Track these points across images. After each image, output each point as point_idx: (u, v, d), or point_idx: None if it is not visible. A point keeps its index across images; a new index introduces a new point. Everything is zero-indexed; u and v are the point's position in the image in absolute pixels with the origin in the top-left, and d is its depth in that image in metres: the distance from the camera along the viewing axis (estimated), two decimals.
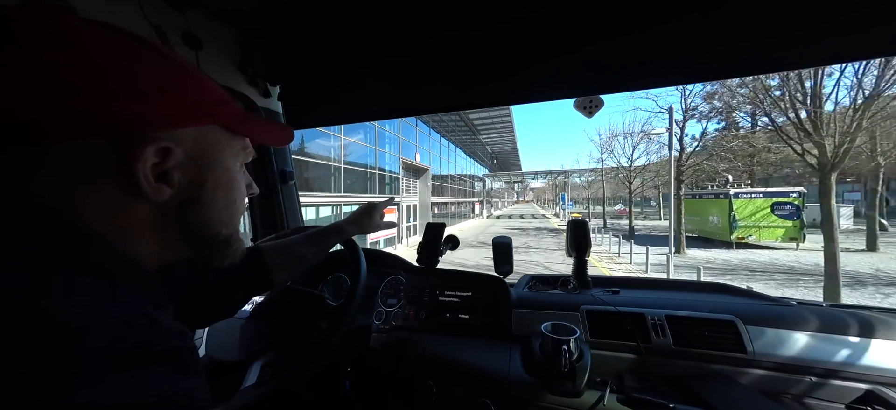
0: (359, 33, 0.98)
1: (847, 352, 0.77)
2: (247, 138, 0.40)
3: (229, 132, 0.36)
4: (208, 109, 0.34)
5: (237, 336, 0.75)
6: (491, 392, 0.79)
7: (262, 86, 1.10)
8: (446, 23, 0.90)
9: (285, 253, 0.70)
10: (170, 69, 0.31)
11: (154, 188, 0.29)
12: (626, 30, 0.79)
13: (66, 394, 0.20)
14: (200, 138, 0.33)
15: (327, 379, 0.94)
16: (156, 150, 0.29)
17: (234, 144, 0.38)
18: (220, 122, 0.35)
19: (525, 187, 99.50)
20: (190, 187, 0.33)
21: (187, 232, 0.35)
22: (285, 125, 0.46)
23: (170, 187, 0.31)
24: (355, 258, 0.78)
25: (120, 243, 0.29)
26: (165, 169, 0.30)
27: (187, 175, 0.32)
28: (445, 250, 1.17)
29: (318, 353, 0.65)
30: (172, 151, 0.30)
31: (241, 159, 0.39)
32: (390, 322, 1.06)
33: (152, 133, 0.29)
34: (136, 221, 0.30)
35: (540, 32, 0.85)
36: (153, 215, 0.31)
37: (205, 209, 0.35)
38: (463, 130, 26.68)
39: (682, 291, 1.17)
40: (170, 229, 0.33)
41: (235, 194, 0.38)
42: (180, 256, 0.36)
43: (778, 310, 0.88)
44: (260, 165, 1.18)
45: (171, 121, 0.30)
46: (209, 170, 0.34)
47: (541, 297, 1.06)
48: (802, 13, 0.67)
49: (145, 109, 0.28)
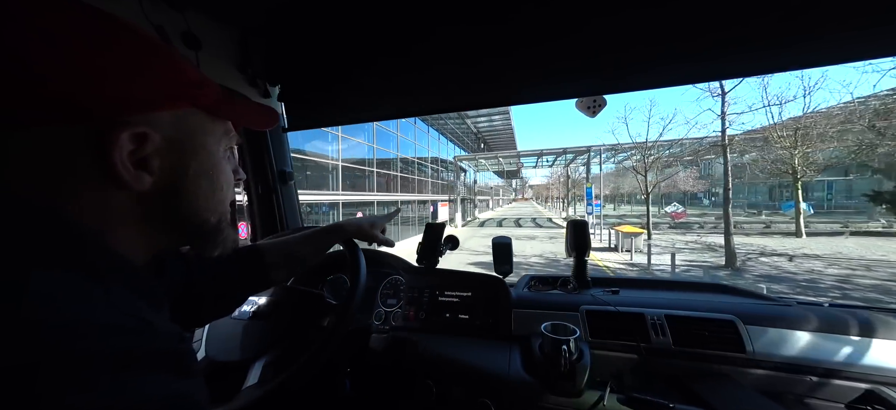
0: (359, 33, 0.98)
1: (847, 352, 0.77)
2: (229, 122, 0.38)
3: (210, 116, 0.35)
4: (185, 91, 0.32)
5: (237, 338, 0.75)
6: (491, 393, 0.79)
7: (261, 86, 1.10)
8: (446, 23, 0.90)
9: (283, 252, 0.70)
10: (141, 49, 0.29)
11: (133, 176, 0.28)
12: (627, 29, 0.78)
13: (55, 399, 0.19)
14: (179, 123, 0.32)
15: (327, 379, 0.94)
16: (131, 135, 0.27)
17: (217, 129, 0.36)
18: (200, 105, 0.33)
19: (523, 184, 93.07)
20: (172, 175, 0.31)
21: (174, 221, 0.33)
22: (269, 108, 0.45)
23: (150, 174, 0.29)
24: (355, 257, 0.78)
25: (106, 236, 0.28)
26: (144, 156, 0.29)
27: (168, 162, 0.31)
28: (445, 250, 1.17)
29: (320, 351, 0.65)
30: (149, 137, 0.29)
31: (224, 143, 0.38)
32: (390, 323, 1.06)
33: (126, 118, 0.27)
34: (119, 211, 0.29)
35: (540, 32, 0.84)
36: (136, 204, 0.30)
37: (190, 197, 0.33)
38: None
39: (682, 291, 1.17)
40: (155, 218, 0.32)
41: (222, 181, 0.37)
42: (169, 246, 0.35)
43: (778, 310, 0.88)
44: (259, 165, 1.19)
45: (145, 104, 0.29)
46: (192, 156, 0.33)
47: (540, 297, 1.06)
48: (805, 14, 0.67)
49: (117, 92, 0.27)
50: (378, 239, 0.85)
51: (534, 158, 25.18)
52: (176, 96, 0.31)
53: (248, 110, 0.42)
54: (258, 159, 1.18)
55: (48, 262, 0.24)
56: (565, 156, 21.67)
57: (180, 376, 0.27)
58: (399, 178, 17.44)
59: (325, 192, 11.58)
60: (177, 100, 0.31)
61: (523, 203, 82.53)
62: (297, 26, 0.99)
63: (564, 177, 31.07)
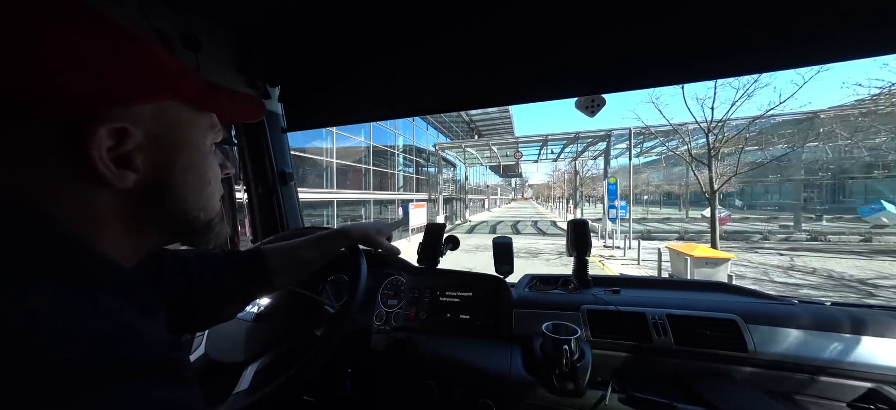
0: (358, 34, 0.98)
1: (849, 351, 0.77)
2: (214, 115, 0.36)
3: (193, 108, 0.33)
4: (165, 82, 0.30)
5: (236, 339, 0.75)
6: (492, 393, 0.79)
7: (261, 87, 1.10)
8: (445, 23, 0.90)
9: (287, 256, 0.69)
10: (118, 39, 0.27)
11: (115, 174, 0.27)
12: (627, 28, 0.78)
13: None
14: (161, 117, 0.30)
15: (328, 380, 0.94)
16: (109, 131, 0.26)
17: (201, 121, 0.34)
18: (182, 97, 0.32)
19: (523, 183, 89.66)
20: (157, 171, 0.30)
21: (162, 219, 0.32)
22: (256, 99, 0.43)
23: (133, 171, 0.28)
24: (357, 265, 0.76)
25: (90, 239, 0.27)
26: (125, 152, 0.27)
27: (152, 158, 0.30)
28: (446, 250, 1.17)
29: (309, 365, 0.62)
30: (129, 132, 0.27)
31: (211, 137, 0.36)
32: (391, 323, 1.06)
33: (102, 113, 0.26)
34: (102, 212, 0.28)
35: (539, 32, 0.84)
36: (121, 203, 0.29)
37: (178, 194, 0.32)
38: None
39: (683, 290, 1.17)
40: (142, 217, 0.31)
41: (210, 176, 0.36)
42: (159, 244, 0.35)
43: (779, 309, 0.88)
44: (259, 165, 1.19)
45: (121, 98, 0.27)
46: (177, 151, 0.32)
47: (541, 297, 1.06)
48: (805, 13, 0.67)
49: (91, 85, 0.25)
50: (383, 246, 0.83)
51: (535, 148, 19.10)
52: (154, 88, 0.29)
53: (234, 102, 0.40)
54: (258, 159, 1.18)
55: (28, 270, 0.23)
56: (576, 145, 16.81)
57: (172, 385, 0.26)
58: (371, 171, 14.54)
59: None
60: (156, 92, 0.30)
61: (523, 203, 77.06)
62: (296, 27, 0.99)
63: (571, 173, 24.91)
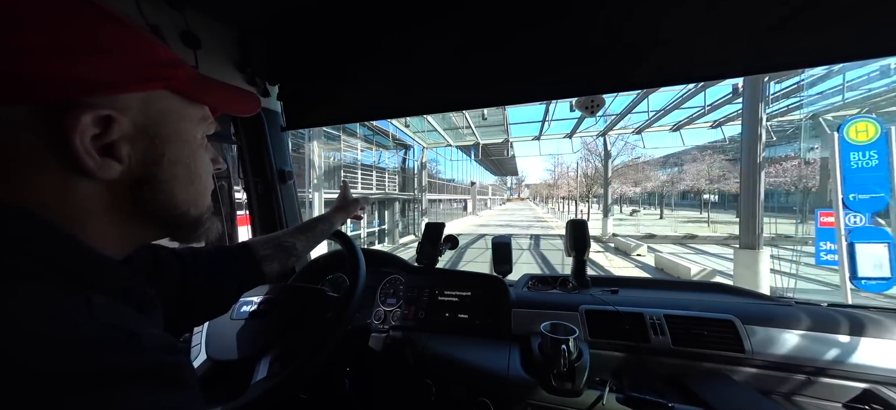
0: (358, 33, 0.99)
1: (845, 351, 0.77)
2: (206, 107, 0.35)
3: (184, 99, 0.32)
4: (156, 71, 0.29)
5: (238, 336, 0.75)
6: (490, 392, 0.80)
7: (261, 85, 1.10)
8: (444, 23, 0.91)
9: (274, 244, 0.70)
10: (105, 24, 0.26)
11: (99, 164, 0.26)
12: (625, 27, 0.79)
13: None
14: (150, 107, 0.29)
15: (327, 379, 0.94)
16: (94, 119, 0.25)
17: (192, 114, 0.34)
18: (173, 87, 0.31)
19: (520, 182, 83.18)
20: (145, 163, 0.29)
21: (150, 212, 0.32)
22: (250, 92, 0.42)
23: (118, 162, 0.27)
24: (351, 250, 0.81)
25: (76, 231, 0.26)
26: (110, 141, 0.26)
27: (139, 149, 0.29)
28: (445, 249, 1.17)
29: (328, 338, 0.67)
30: (115, 121, 0.26)
31: (202, 130, 0.35)
32: (389, 322, 1.06)
33: (88, 99, 0.25)
34: (86, 203, 0.27)
35: (538, 31, 0.85)
36: (107, 196, 0.28)
37: (166, 187, 0.32)
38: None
39: (681, 290, 1.17)
40: (129, 210, 0.30)
41: (200, 169, 0.35)
42: (148, 239, 0.34)
43: (776, 309, 0.89)
44: (259, 165, 1.19)
45: (110, 85, 0.26)
46: (166, 143, 0.31)
47: (540, 297, 1.06)
48: (805, 13, 0.68)
49: (76, 70, 0.24)
50: (352, 206, 0.90)
51: (535, 127, 13.84)
52: (144, 76, 0.28)
53: (227, 95, 0.39)
54: (258, 158, 1.18)
55: (11, 269, 0.22)
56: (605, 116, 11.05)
57: (171, 390, 0.25)
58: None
59: None
60: (145, 80, 0.29)
61: (518, 204, 67.90)
62: (296, 26, 0.99)
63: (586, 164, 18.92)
